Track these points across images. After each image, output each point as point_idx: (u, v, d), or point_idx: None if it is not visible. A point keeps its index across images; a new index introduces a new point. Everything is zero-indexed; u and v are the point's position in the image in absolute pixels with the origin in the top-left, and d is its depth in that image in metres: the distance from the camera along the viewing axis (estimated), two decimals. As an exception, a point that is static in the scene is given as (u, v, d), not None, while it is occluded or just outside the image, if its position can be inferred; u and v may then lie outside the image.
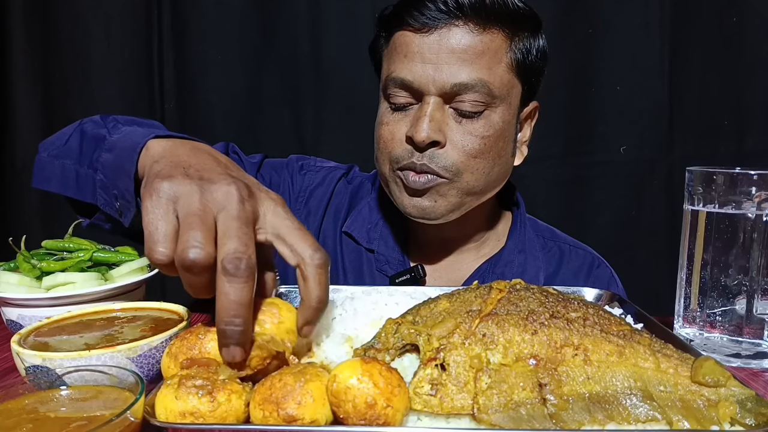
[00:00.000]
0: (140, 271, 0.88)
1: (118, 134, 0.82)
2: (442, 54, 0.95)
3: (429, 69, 0.96)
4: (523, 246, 1.15)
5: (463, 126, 0.98)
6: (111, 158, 0.80)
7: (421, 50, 0.96)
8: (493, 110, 0.99)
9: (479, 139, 0.98)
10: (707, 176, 0.79)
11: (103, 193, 0.82)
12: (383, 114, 1.04)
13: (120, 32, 1.87)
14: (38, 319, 0.74)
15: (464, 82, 0.95)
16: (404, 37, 0.99)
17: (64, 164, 0.87)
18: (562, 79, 1.78)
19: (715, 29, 1.76)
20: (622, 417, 0.54)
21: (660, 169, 1.83)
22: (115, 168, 0.78)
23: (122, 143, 0.78)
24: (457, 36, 0.95)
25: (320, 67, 1.84)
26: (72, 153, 0.87)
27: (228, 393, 0.52)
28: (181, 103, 1.87)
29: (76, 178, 0.85)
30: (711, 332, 0.80)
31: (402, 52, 0.99)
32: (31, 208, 1.95)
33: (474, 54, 0.96)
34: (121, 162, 0.76)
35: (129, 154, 0.73)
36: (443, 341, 0.59)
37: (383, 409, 0.51)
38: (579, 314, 0.62)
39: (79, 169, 0.85)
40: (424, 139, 0.96)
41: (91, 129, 0.88)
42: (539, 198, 1.82)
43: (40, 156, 0.90)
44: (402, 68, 0.98)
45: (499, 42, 0.98)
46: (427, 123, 0.96)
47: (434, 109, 0.97)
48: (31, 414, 0.52)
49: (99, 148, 0.83)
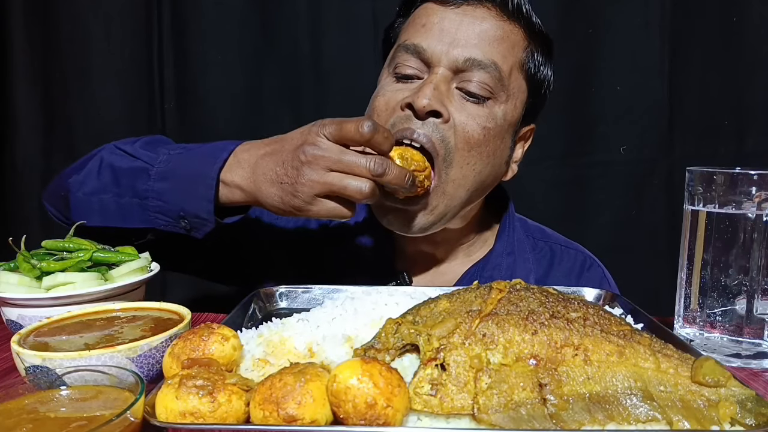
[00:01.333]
0: (140, 271, 0.88)
1: (162, 165, 0.93)
2: (462, 28, 0.95)
3: (446, 39, 0.95)
4: (512, 248, 1.13)
5: (466, 108, 0.95)
6: (170, 187, 0.91)
7: (442, 21, 0.96)
8: (497, 103, 0.97)
9: (480, 127, 0.95)
10: (707, 176, 0.79)
11: (163, 216, 0.93)
12: (385, 85, 1.01)
13: (120, 32, 1.87)
14: (38, 319, 0.74)
15: (478, 59, 0.94)
16: (427, 9, 0.99)
17: (102, 199, 0.96)
18: (562, 79, 1.78)
19: (715, 29, 1.75)
20: (623, 417, 0.54)
21: (660, 169, 1.82)
22: (183, 194, 0.90)
23: (182, 174, 0.91)
24: (482, 16, 0.96)
25: (320, 67, 1.83)
26: (108, 188, 0.96)
27: (228, 393, 0.52)
28: (181, 103, 1.87)
29: (118, 209, 0.95)
30: (711, 332, 0.80)
31: (421, 21, 0.98)
32: (31, 208, 1.94)
33: (493, 38, 0.96)
34: (190, 190, 0.89)
35: (202, 182, 0.88)
36: (443, 341, 0.59)
37: (383, 409, 0.51)
38: (579, 314, 0.62)
39: (120, 201, 0.94)
40: (424, 105, 0.91)
41: (120, 163, 0.97)
42: (539, 198, 1.81)
43: (74, 195, 0.98)
44: (418, 35, 0.97)
45: (518, 37, 0.98)
46: (431, 90, 0.92)
47: (441, 81, 0.94)
48: (31, 414, 0.52)
49: (141, 179, 0.93)
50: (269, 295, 0.91)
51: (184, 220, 0.91)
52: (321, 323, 0.69)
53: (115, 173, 0.96)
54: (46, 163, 1.94)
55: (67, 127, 1.91)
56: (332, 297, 0.86)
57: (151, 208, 0.92)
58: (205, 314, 0.99)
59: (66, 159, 1.91)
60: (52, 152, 1.94)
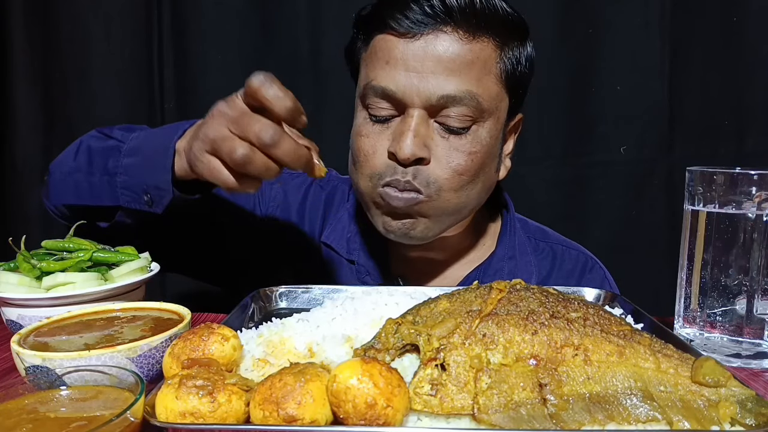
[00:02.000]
0: (140, 271, 0.88)
1: (133, 142, 0.94)
2: (427, 62, 0.89)
3: (413, 78, 0.89)
4: (513, 252, 1.11)
5: (449, 142, 0.92)
6: (136, 161, 0.92)
7: (405, 57, 0.89)
8: (481, 125, 0.93)
9: (466, 155, 0.93)
10: (707, 176, 0.79)
11: (127, 192, 0.92)
12: (362, 125, 0.98)
13: (120, 32, 1.87)
14: (38, 319, 0.74)
15: (452, 94, 0.89)
16: (386, 42, 0.92)
17: (76, 178, 0.98)
18: (562, 79, 1.78)
19: (715, 29, 1.75)
20: (623, 417, 0.54)
21: (660, 169, 1.82)
22: (147, 166, 0.89)
23: (147, 148, 0.92)
24: (445, 43, 0.89)
25: (320, 67, 1.83)
26: (81, 167, 0.98)
27: (228, 393, 0.52)
28: (181, 103, 1.87)
29: (89, 187, 0.97)
30: (711, 332, 0.80)
31: (383, 58, 0.92)
32: (31, 208, 1.94)
33: (463, 64, 0.89)
34: (153, 161, 0.88)
35: (163, 152, 0.86)
36: (443, 341, 0.59)
37: (383, 409, 0.51)
38: (579, 314, 0.62)
39: (91, 179, 0.96)
40: (408, 156, 0.90)
41: (96, 144, 1.00)
42: (539, 198, 1.81)
43: (53, 176, 1.02)
44: (384, 76, 0.91)
45: (489, 51, 0.92)
46: (411, 139, 0.90)
47: (418, 123, 0.90)
48: (31, 414, 0.52)
49: (114, 156, 0.94)
50: (269, 295, 0.91)
51: (147, 194, 0.90)
52: (321, 323, 0.69)
53: (90, 154, 0.98)
54: (46, 163, 1.92)
55: (67, 127, 1.91)
56: (332, 297, 0.86)
57: (118, 184, 0.92)
58: (205, 314, 0.99)
59: (66, 159, 1.93)
60: (52, 152, 1.93)
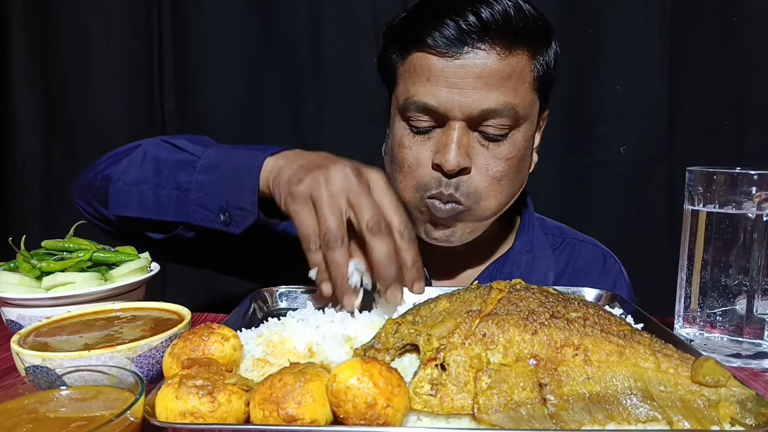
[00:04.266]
0: (140, 271, 0.88)
1: (209, 158, 0.91)
2: (468, 79, 0.92)
3: (455, 94, 0.93)
4: (531, 246, 1.14)
5: (489, 150, 0.97)
6: (213, 178, 0.89)
7: (446, 75, 0.93)
8: (517, 130, 0.98)
9: (504, 162, 0.97)
10: (707, 176, 0.79)
11: (201, 209, 0.90)
12: (404, 136, 1.01)
13: (120, 32, 1.87)
14: (38, 319, 0.74)
15: (492, 107, 0.93)
16: (425, 60, 0.95)
17: (141, 190, 0.94)
18: (562, 79, 1.77)
19: (715, 29, 1.75)
20: (623, 417, 0.54)
21: (660, 169, 1.82)
22: (228, 185, 0.87)
23: (227, 166, 0.89)
24: (484, 61, 0.92)
25: (320, 67, 1.83)
26: (148, 179, 0.94)
27: (228, 393, 0.52)
28: (181, 103, 1.87)
29: (156, 200, 0.93)
30: (711, 332, 0.80)
31: (423, 75, 0.95)
32: (31, 208, 1.94)
33: (501, 78, 0.93)
34: (236, 181, 0.86)
35: (247, 172, 0.85)
36: (443, 341, 0.59)
37: (383, 409, 0.51)
38: (579, 314, 0.62)
39: (159, 192, 0.92)
40: (454, 167, 0.94)
41: (164, 155, 0.95)
42: (539, 198, 1.80)
43: (115, 185, 0.96)
44: (425, 92, 0.95)
45: (524, 62, 0.96)
46: (455, 150, 0.94)
47: (461, 135, 0.95)
48: (31, 414, 0.52)
49: (186, 170, 0.91)
50: (269, 295, 0.91)
51: (225, 213, 0.88)
52: (321, 323, 0.69)
53: (158, 164, 0.94)
54: (46, 164, 1.94)
55: (67, 127, 1.91)
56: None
57: (191, 201, 0.90)
58: (205, 314, 0.99)
59: (66, 159, 1.93)
60: (52, 152, 1.94)
